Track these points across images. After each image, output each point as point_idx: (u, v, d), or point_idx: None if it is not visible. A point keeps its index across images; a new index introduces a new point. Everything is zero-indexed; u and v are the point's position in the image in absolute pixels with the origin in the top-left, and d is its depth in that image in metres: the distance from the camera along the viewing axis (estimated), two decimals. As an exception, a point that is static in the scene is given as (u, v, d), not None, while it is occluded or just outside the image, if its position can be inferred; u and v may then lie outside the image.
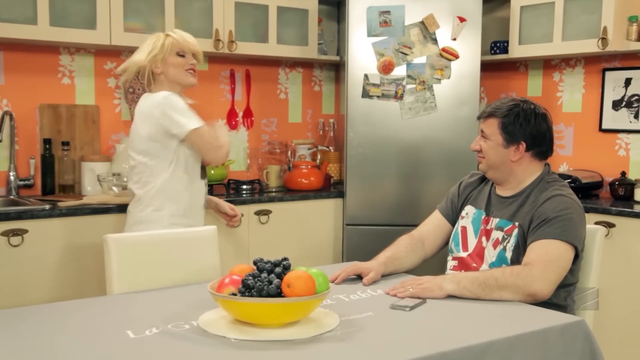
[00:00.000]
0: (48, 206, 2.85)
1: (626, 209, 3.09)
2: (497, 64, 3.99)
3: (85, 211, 2.89)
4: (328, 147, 4.07)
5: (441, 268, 2.28)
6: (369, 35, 3.47)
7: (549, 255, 1.94)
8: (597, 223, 2.95)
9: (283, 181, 3.76)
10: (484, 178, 2.30)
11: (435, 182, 3.51)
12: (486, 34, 3.75)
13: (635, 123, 3.51)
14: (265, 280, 1.59)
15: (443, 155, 3.52)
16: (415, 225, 2.39)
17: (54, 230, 2.82)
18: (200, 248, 2.31)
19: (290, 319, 1.61)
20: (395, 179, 3.55)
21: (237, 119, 3.88)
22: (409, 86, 3.48)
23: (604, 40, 3.28)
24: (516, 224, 2.09)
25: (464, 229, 2.24)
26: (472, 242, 2.19)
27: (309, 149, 3.97)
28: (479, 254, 2.16)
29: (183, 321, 1.67)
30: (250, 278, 1.60)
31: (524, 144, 2.12)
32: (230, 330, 1.58)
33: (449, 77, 3.48)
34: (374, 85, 3.49)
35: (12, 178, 3.17)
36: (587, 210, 3.08)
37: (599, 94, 3.65)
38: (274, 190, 3.66)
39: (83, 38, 3.11)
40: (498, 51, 3.86)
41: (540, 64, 3.92)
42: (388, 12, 3.45)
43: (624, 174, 3.46)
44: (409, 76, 3.47)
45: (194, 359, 1.44)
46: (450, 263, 2.25)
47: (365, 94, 3.50)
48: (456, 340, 1.54)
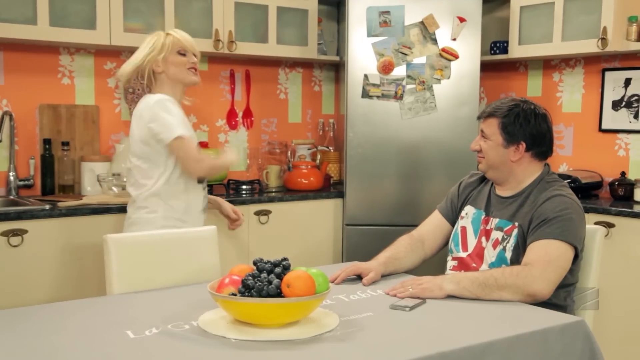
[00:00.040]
0: (48, 206, 2.85)
1: (626, 209, 3.09)
2: (497, 64, 3.99)
3: (85, 211, 2.89)
4: (328, 147, 4.06)
5: (441, 268, 2.28)
6: (369, 35, 3.46)
7: (548, 256, 1.94)
8: (597, 223, 2.95)
9: (283, 181, 3.76)
10: (484, 178, 2.30)
11: (435, 182, 3.51)
12: (486, 34, 3.75)
13: (635, 123, 3.51)
14: (265, 281, 1.59)
15: (443, 155, 3.52)
16: (415, 226, 2.39)
17: (54, 231, 2.82)
18: (200, 248, 2.31)
19: (290, 319, 1.61)
20: (395, 179, 3.55)
21: (237, 119, 3.88)
22: (408, 86, 3.48)
23: (604, 40, 3.28)
24: (516, 224, 2.09)
25: (464, 229, 2.24)
26: (472, 242, 2.19)
27: (308, 149, 3.97)
28: (479, 254, 2.16)
29: (183, 321, 1.67)
30: (250, 278, 1.60)
31: (524, 144, 2.12)
32: (230, 330, 1.58)
33: (449, 77, 3.48)
34: (374, 85, 3.49)
35: (12, 178, 3.16)
36: (587, 210, 3.08)
37: (599, 94, 3.65)
38: (273, 190, 3.65)
39: (83, 38, 3.11)
40: (498, 51, 3.86)
41: (540, 64, 3.91)
42: (388, 12, 3.45)
43: (623, 174, 3.46)
44: (408, 76, 3.47)
45: (193, 359, 1.44)
46: (450, 263, 2.25)
47: (365, 94, 3.50)
48: (456, 340, 1.54)
